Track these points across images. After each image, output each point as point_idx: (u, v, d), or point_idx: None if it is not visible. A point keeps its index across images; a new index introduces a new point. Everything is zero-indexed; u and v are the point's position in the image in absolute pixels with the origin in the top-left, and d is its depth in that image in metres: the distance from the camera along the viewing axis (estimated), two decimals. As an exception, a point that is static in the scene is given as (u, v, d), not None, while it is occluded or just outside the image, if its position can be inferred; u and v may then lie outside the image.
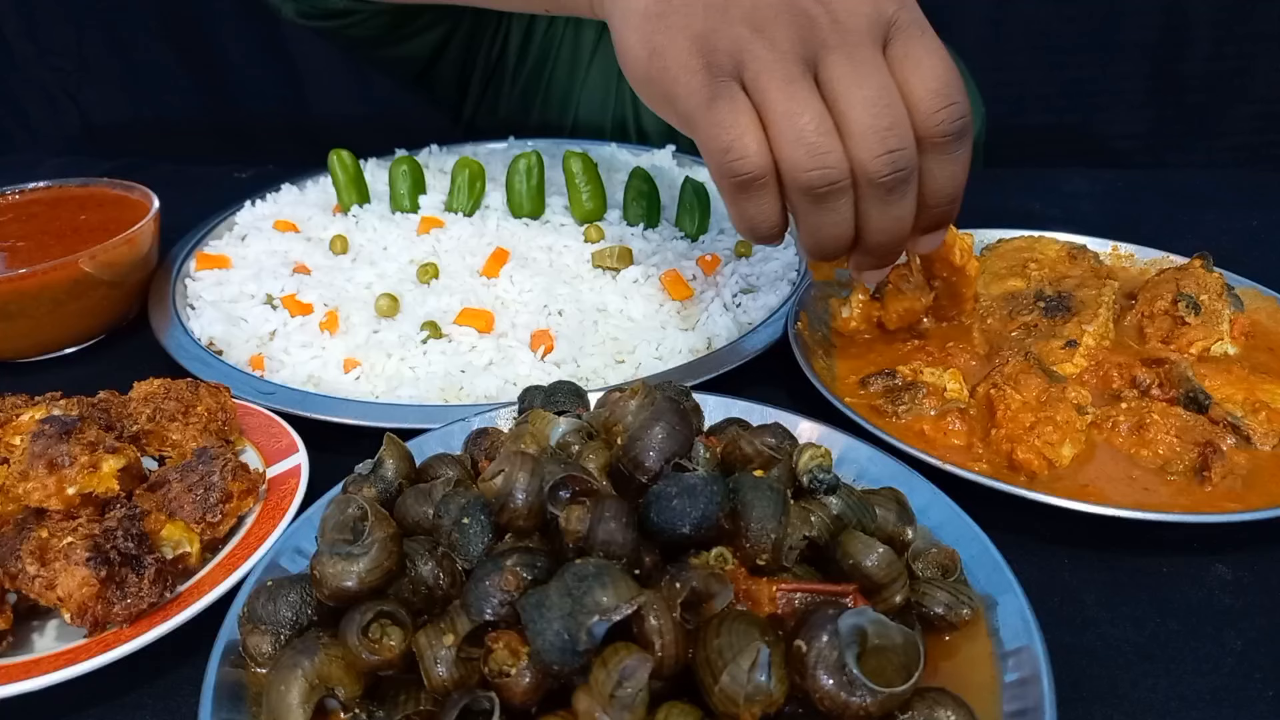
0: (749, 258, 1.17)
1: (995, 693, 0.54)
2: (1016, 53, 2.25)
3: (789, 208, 0.74)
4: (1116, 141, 2.39)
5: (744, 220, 0.74)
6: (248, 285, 1.11)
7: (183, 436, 0.79)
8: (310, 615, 0.56)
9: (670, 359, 1.00)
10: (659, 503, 0.52)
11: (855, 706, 0.46)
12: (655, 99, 0.76)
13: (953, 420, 0.83)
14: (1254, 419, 0.82)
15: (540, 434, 0.63)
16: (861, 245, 0.75)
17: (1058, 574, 0.73)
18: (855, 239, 0.75)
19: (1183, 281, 0.99)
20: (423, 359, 0.97)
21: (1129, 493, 0.76)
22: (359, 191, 1.28)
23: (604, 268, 1.12)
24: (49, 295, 1.00)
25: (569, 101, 1.65)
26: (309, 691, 0.50)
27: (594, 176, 1.21)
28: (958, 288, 0.96)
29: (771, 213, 0.73)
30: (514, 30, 1.62)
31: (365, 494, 0.62)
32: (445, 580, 0.55)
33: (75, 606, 0.62)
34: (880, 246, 0.75)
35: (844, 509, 0.59)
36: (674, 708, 0.47)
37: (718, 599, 0.50)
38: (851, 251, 0.78)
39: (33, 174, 1.26)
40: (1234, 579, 0.72)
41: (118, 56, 2.46)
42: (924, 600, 0.58)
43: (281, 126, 2.51)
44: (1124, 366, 0.91)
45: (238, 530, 0.73)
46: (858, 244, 0.76)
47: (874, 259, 0.77)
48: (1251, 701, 0.62)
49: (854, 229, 0.73)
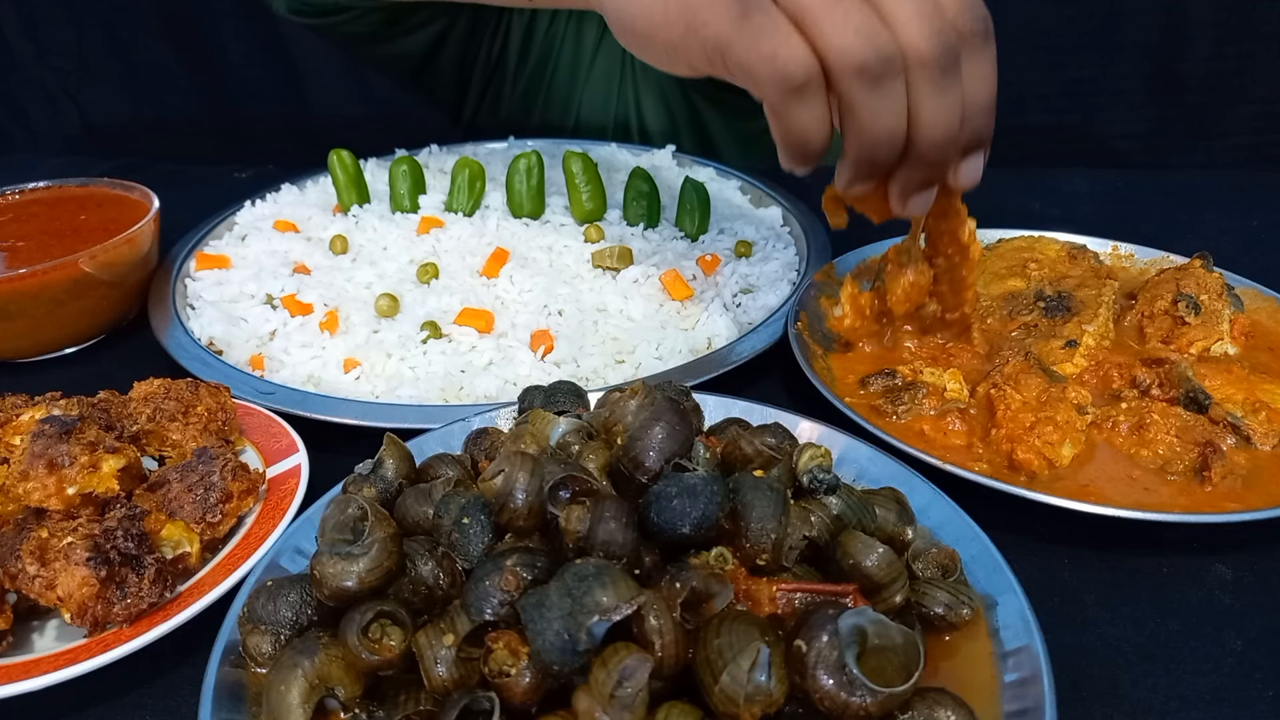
0: (749, 258, 1.17)
1: (995, 693, 0.54)
2: (1016, 53, 2.25)
3: (840, 109, 0.71)
4: (1116, 141, 2.40)
5: (795, 134, 0.71)
6: (248, 285, 1.11)
7: (183, 436, 0.79)
8: (310, 615, 0.56)
9: (670, 359, 1.00)
10: (659, 503, 0.52)
11: (855, 706, 0.46)
12: (671, 43, 0.73)
13: (953, 420, 0.83)
14: (1254, 419, 0.82)
15: (540, 434, 0.63)
16: (912, 152, 0.72)
17: (1058, 574, 0.73)
18: (904, 150, 0.72)
19: (1183, 281, 0.99)
20: (423, 359, 0.97)
21: (1129, 493, 0.76)
22: (359, 191, 1.28)
23: (604, 268, 1.12)
24: (49, 295, 1.00)
25: (571, 102, 1.65)
26: (309, 691, 0.50)
27: (594, 176, 1.21)
28: (960, 270, 0.92)
29: (824, 120, 0.70)
30: (515, 30, 1.62)
31: (365, 494, 0.62)
32: (445, 580, 0.55)
33: (75, 606, 0.62)
34: (934, 147, 0.72)
35: (844, 509, 0.59)
36: (674, 708, 0.47)
37: (718, 599, 0.50)
38: (897, 171, 0.75)
39: (33, 174, 1.26)
40: (1234, 579, 0.72)
41: (118, 56, 2.46)
42: (924, 600, 0.58)
43: (281, 126, 2.51)
44: (1124, 366, 0.91)
45: (238, 530, 0.73)
46: (907, 154, 0.73)
47: (923, 170, 0.74)
48: (1251, 701, 0.62)
49: (905, 128, 0.71)
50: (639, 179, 1.23)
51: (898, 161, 0.74)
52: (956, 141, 0.73)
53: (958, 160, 0.76)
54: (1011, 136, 1.92)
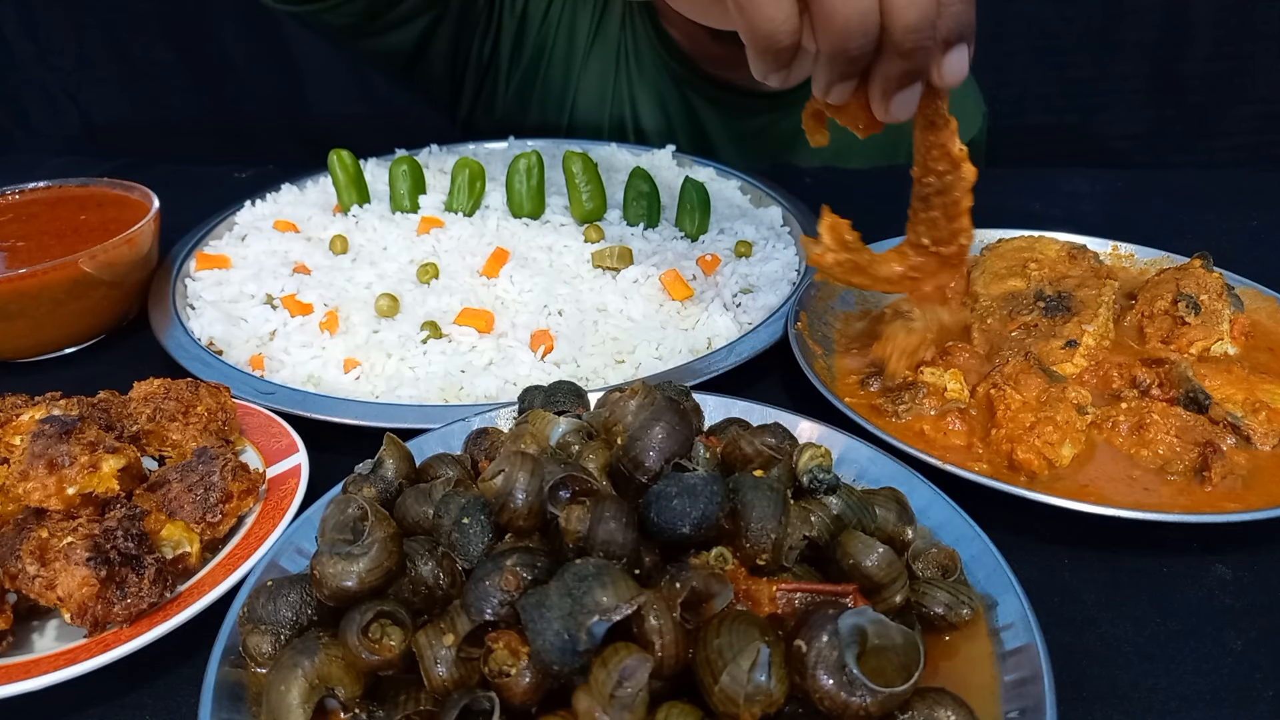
0: (749, 258, 1.17)
1: (995, 693, 0.54)
2: (1016, 53, 2.25)
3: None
4: (1116, 141, 2.40)
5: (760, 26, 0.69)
6: (248, 285, 1.11)
7: (183, 436, 0.79)
8: (310, 615, 0.56)
9: (670, 359, 1.00)
10: (659, 503, 0.52)
11: (855, 706, 0.46)
12: None
13: (953, 420, 0.83)
14: (1254, 419, 0.82)
15: (540, 434, 0.63)
16: (888, 42, 0.69)
17: (1058, 574, 0.73)
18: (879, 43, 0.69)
19: (1183, 281, 0.99)
20: (423, 359, 0.97)
21: (1129, 493, 0.76)
22: (359, 191, 1.28)
23: (604, 268, 1.12)
24: (49, 295, 1.00)
25: (565, 100, 1.65)
26: (309, 691, 0.50)
27: (594, 176, 1.21)
28: (953, 191, 0.83)
29: (789, 6, 0.68)
30: (506, 27, 1.62)
31: (365, 494, 0.62)
32: (445, 580, 0.55)
33: (75, 606, 0.62)
34: (909, 32, 0.68)
35: (844, 509, 0.59)
36: (674, 708, 0.47)
37: (718, 599, 0.50)
38: (875, 68, 0.72)
39: (33, 174, 1.26)
40: (1234, 579, 0.72)
41: (118, 56, 2.47)
42: (924, 600, 0.58)
43: (281, 126, 2.51)
44: (1124, 366, 0.91)
45: (238, 530, 0.73)
46: (883, 46, 0.69)
47: (902, 62, 0.70)
48: (1251, 701, 0.62)
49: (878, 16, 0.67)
50: (639, 179, 1.23)
51: (875, 58, 0.70)
52: (934, 28, 0.69)
53: (939, 54, 0.72)
54: (1011, 136, 1.92)
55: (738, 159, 1.54)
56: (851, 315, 1.05)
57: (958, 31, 0.71)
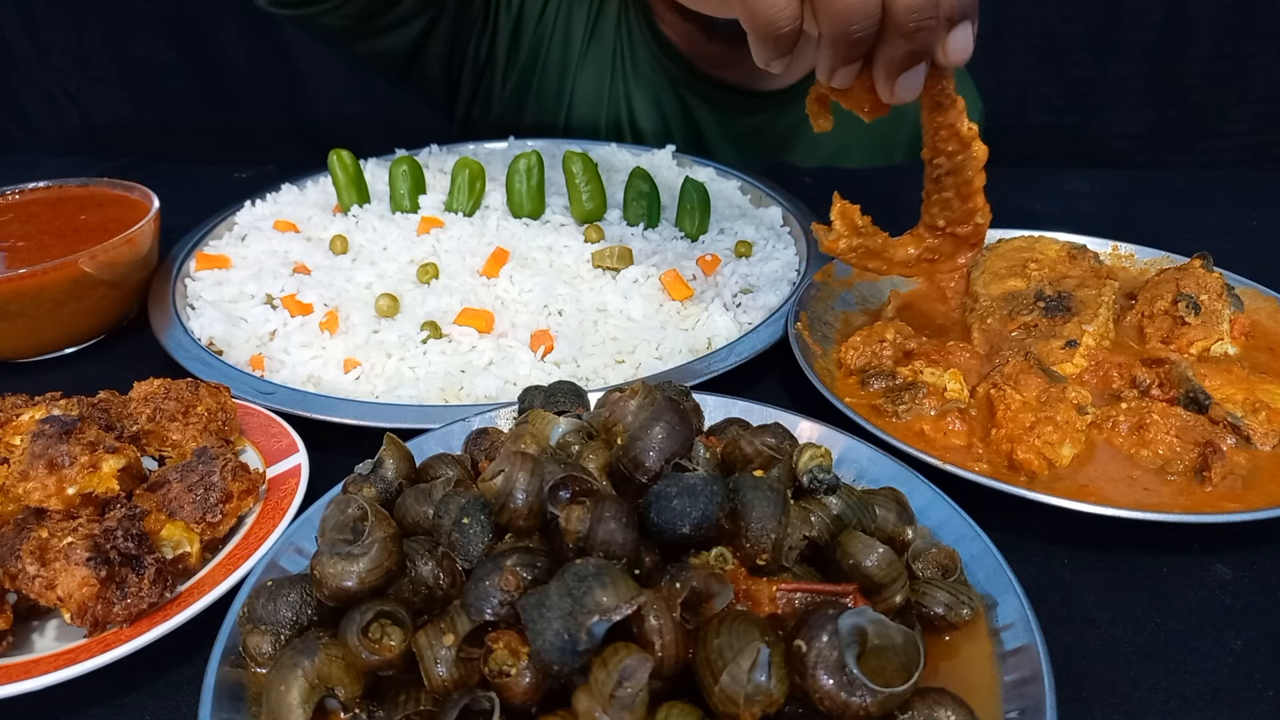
0: (749, 258, 1.17)
1: (995, 693, 0.54)
2: (1016, 53, 2.25)
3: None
4: (1116, 141, 2.40)
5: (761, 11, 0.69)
6: (248, 285, 1.11)
7: (183, 436, 0.79)
8: (310, 615, 0.56)
9: (670, 359, 1.00)
10: (659, 503, 0.52)
11: (855, 706, 0.46)
12: None
13: (953, 420, 0.83)
14: (1254, 419, 0.82)
15: (540, 434, 0.63)
16: (890, 22, 0.68)
17: (1058, 574, 0.73)
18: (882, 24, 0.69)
19: (1183, 281, 0.99)
20: (423, 359, 0.97)
21: (1129, 493, 0.76)
22: (359, 191, 1.28)
23: (604, 268, 1.12)
24: (49, 295, 1.00)
25: (561, 101, 1.65)
26: (309, 691, 0.50)
27: (594, 176, 1.21)
28: (965, 170, 0.83)
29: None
30: (502, 28, 1.62)
31: (365, 494, 0.62)
32: (445, 580, 0.55)
33: (75, 606, 0.62)
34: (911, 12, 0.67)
35: (844, 509, 0.59)
36: (674, 708, 0.47)
37: (718, 599, 0.50)
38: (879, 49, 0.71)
39: (33, 174, 1.26)
40: (1234, 579, 0.72)
41: (118, 56, 2.47)
42: (924, 600, 0.58)
43: (281, 126, 2.51)
44: (1124, 366, 0.91)
45: (238, 530, 0.73)
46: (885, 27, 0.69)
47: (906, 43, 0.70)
48: (1251, 701, 0.62)
49: None
50: (639, 179, 1.23)
51: (878, 40, 0.70)
52: (937, 6, 0.69)
53: (943, 32, 0.71)
54: (1011, 136, 1.92)
55: (734, 158, 1.54)
56: (852, 315, 1.05)
57: (961, 9, 0.71)
